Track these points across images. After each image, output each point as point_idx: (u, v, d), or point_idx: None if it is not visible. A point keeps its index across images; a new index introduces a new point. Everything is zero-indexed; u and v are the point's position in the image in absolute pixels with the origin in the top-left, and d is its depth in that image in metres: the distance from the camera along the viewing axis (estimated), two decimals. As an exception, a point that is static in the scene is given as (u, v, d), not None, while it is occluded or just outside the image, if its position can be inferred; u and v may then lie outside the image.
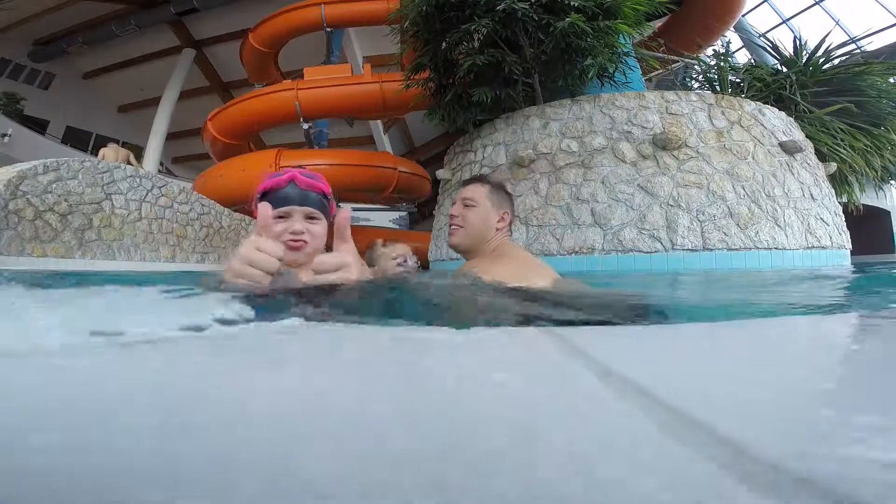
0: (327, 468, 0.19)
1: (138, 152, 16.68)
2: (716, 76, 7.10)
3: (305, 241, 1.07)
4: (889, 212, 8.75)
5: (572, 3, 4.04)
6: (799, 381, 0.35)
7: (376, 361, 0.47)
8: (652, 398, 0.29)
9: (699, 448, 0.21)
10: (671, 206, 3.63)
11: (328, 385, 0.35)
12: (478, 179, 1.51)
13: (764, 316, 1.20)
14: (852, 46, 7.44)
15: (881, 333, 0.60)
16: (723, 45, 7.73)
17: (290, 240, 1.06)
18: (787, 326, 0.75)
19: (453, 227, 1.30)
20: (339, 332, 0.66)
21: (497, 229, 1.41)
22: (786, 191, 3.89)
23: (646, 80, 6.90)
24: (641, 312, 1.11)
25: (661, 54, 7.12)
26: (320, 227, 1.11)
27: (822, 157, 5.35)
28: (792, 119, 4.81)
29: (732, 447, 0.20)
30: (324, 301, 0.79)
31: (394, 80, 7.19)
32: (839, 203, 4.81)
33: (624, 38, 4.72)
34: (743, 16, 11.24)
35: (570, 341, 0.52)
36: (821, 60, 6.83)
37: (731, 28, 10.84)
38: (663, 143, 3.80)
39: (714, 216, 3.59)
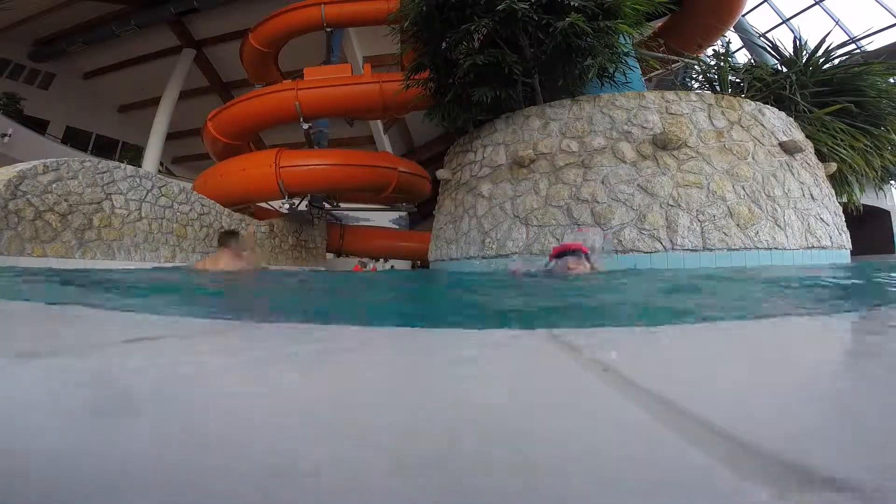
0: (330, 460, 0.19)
1: (138, 152, 16.72)
2: (716, 76, 7.09)
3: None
4: (889, 212, 8.75)
5: (572, 3, 4.04)
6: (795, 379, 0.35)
7: (375, 360, 0.47)
8: (643, 391, 0.29)
9: (696, 442, 0.21)
10: (671, 206, 3.63)
11: (332, 383, 0.34)
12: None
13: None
14: (852, 46, 7.43)
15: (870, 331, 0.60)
16: (723, 45, 7.72)
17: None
18: (772, 325, 0.75)
19: None
20: (326, 331, 0.66)
21: None
22: (786, 191, 3.89)
23: (646, 80, 6.90)
24: None
25: (661, 54, 7.11)
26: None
27: (822, 157, 5.35)
28: (792, 119, 4.81)
29: (730, 441, 0.20)
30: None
31: (394, 80, 7.19)
32: (839, 203, 4.81)
33: (624, 38, 4.72)
34: (743, 16, 11.23)
35: (569, 341, 0.52)
36: (821, 60, 6.83)
37: (731, 28, 10.83)
38: (663, 143, 3.80)
39: (714, 216, 3.59)
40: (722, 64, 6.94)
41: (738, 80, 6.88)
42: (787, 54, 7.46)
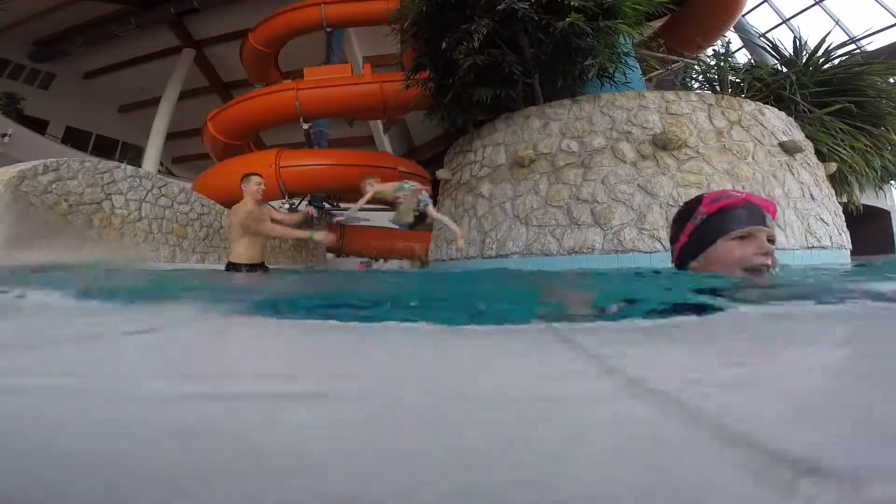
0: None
1: (138, 152, 16.73)
2: (716, 76, 7.09)
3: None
4: (889, 212, 8.76)
5: (572, 3, 4.03)
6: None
7: (373, 357, 0.47)
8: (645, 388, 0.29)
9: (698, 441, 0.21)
10: (671, 205, 3.62)
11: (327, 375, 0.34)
12: None
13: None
14: (852, 46, 7.43)
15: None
16: (723, 45, 7.72)
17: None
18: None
19: None
20: (323, 325, 0.66)
21: None
22: (786, 191, 3.89)
23: (646, 79, 6.90)
24: None
25: (661, 54, 7.11)
26: None
27: (822, 157, 5.35)
28: (792, 119, 4.81)
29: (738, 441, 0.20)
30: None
31: (394, 81, 7.19)
32: (839, 203, 4.81)
33: (624, 38, 4.72)
34: (743, 16, 11.24)
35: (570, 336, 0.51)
36: (821, 60, 6.83)
37: (731, 28, 10.83)
38: (663, 144, 3.80)
39: (714, 216, 3.58)
40: (722, 64, 6.94)
41: (738, 80, 6.88)
42: (787, 54, 7.46)
